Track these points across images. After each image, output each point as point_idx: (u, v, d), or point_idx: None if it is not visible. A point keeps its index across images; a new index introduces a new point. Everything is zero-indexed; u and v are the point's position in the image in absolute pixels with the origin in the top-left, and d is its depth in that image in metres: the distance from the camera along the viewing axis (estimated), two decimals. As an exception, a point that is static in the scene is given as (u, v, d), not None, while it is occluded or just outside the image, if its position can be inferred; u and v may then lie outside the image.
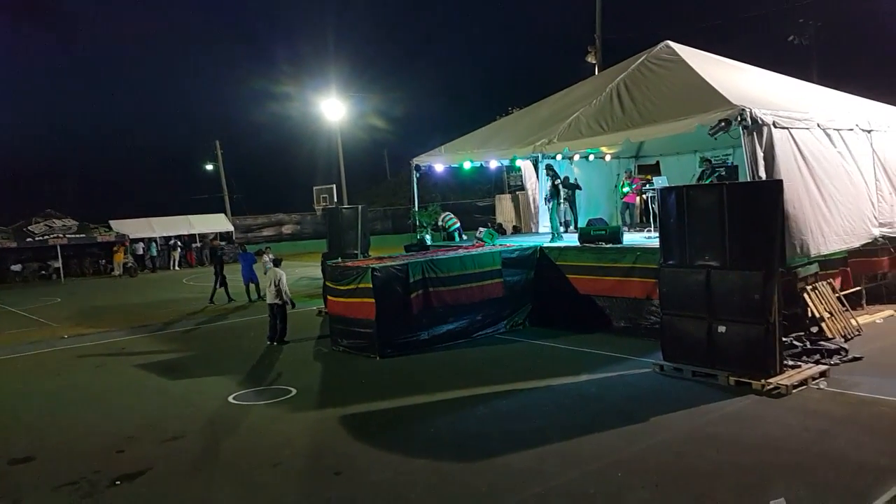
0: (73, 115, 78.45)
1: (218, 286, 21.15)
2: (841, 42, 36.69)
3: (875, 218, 13.05)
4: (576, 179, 17.40)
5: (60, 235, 35.46)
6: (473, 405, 9.11)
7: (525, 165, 19.95)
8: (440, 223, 18.88)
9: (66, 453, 8.28)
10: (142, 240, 38.67)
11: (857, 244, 12.37)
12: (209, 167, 52.92)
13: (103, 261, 37.49)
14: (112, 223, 38.58)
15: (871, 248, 13.23)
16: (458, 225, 18.88)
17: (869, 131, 13.35)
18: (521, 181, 21.17)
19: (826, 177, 11.89)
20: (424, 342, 12.52)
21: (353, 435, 8.30)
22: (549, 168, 17.15)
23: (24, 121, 70.30)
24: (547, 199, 16.83)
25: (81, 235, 36.35)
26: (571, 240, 15.29)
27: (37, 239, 35.04)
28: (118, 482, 7.20)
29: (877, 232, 12.93)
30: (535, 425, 8.15)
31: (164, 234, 39.82)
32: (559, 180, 16.39)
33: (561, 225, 17.42)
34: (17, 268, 35.46)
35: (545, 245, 14.51)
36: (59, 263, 35.30)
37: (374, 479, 6.91)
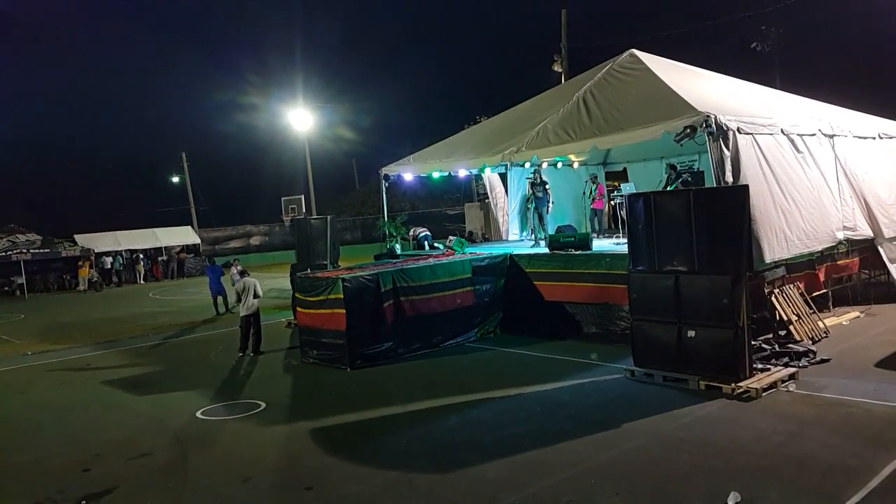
0: (36, 128, 77.19)
1: None
2: (803, 48, 37.44)
3: (839, 221, 13.27)
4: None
5: (24, 251, 34.82)
6: (445, 415, 9.05)
7: (488, 175, 19.94)
8: (411, 234, 18.88)
9: (29, 473, 8.07)
10: (107, 254, 38.07)
11: (819, 248, 12.55)
12: (175, 179, 52.33)
13: (68, 276, 36.84)
14: (77, 237, 37.99)
15: (837, 252, 13.45)
16: (427, 233, 18.87)
17: (831, 136, 13.58)
18: (486, 190, 21.19)
19: (789, 181, 12.07)
20: (395, 352, 12.44)
21: (324, 448, 8.19)
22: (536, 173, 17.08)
23: (-17, 134, 68.99)
24: (535, 202, 16.78)
25: (46, 250, 35.75)
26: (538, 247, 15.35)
27: (0, 255, 34.34)
28: (84, 501, 7.02)
29: (840, 235, 13.15)
30: (508, 434, 8.11)
31: (130, 248, 39.26)
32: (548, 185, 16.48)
33: (531, 233, 17.50)
34: (-22, 285, 34.76)
35: (515, 253, 14.53)
36: (22, 279, 34.61)
37: (346, 492, 6.81)
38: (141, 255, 39.13)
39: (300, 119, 38.43)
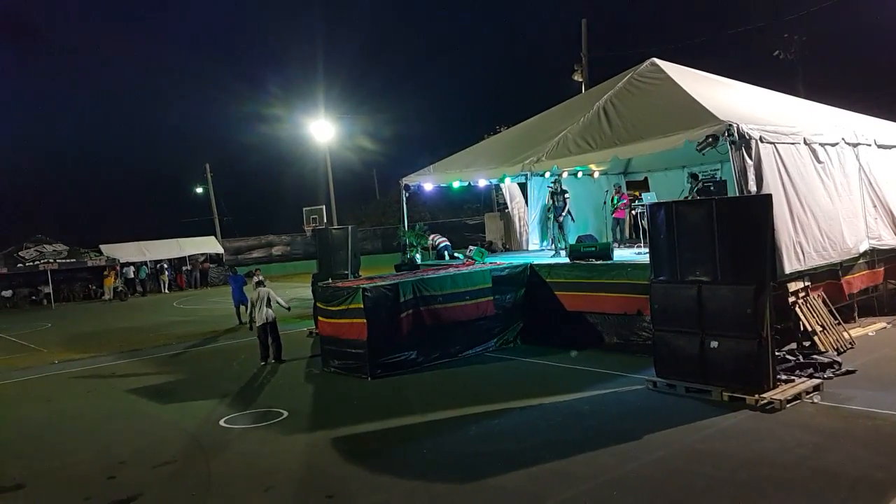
0: (63, 140, 78.50)
1: None
2: (827, 56, 37.08)
3: (863, 231, 13.12)
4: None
5: (51, 261, 35.32)
6: (465, 425, 9.04)
7: (508, 184, 19.94)
8: (430, 243, 18.93)
9: (57, 480, 8.17)
10: (132, 264, 38.52)
11: (838, 259, 12.39)
12: (199, 190, 52.93)
13: (93, 285, 37.32)
14: (102, 247, 38.44)
15: (863, 262, 13.29)
16: (447, 243, 18.92)
17: (855, 145, 13.44)
18: (505, 200, 21.19)
19: (809, 192, 11.94)
20: (415, 362, 12.46)
21: (345, 457, 8.22)
22: (556, 182, 17.07)
23: (14, 146, 70.31)
24: (554, 211, 16.74)
25: (72, 260, 36.23)
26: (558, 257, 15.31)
27: (27, 264, 34.89)
28: (108, 510, 7.11)
29: (865, 245, 12.99)
30: (528, 444, 8.09)
31: (155, 258, 39.67)
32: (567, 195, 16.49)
33: (551, 242, 17.47)
34: (7, 293, 35.36)
35: (535, 263, 14.51)
36: (49, 289, 35.12)
37: (367, 501, 6.83)
38: (165, 265, 39.54)
39: (321, 130, 38.68)
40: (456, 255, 18.15)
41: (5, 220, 53.52)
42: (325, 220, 34.67)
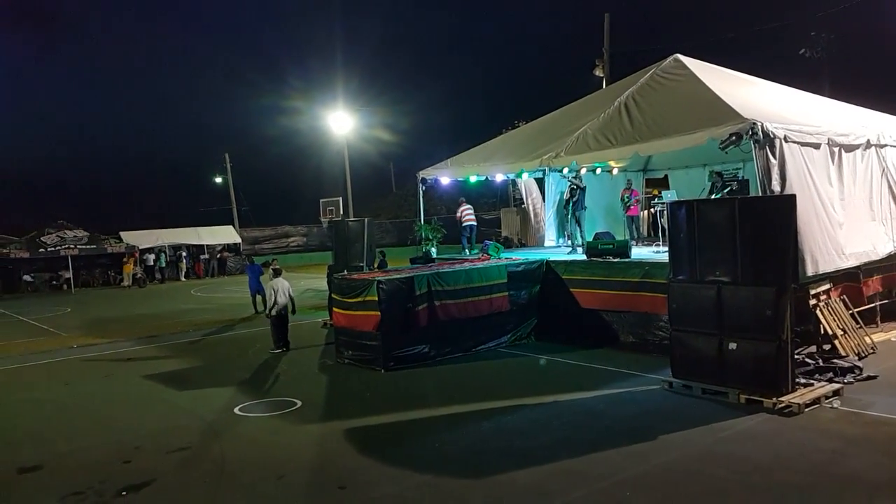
0: (85, 128, 79.24)
1: None
2: (853, 55, 36.56)
3: (886, 234, 12.93)
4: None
5: (72, 246, 35.63)
6: (478, 420, 9.01)
7: (525, 179, 19.81)
8: (458, 214, 18.89)
9: (73, 463, 8.24)
10: (151, 251, 38.80)
11: (859, 262, 12.18)
12: (218, 180, 53.20)
13: (113, 272, 37.63)
14: (122, 234, 38.76)
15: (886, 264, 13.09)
16: (473, 224, 18.83)
17: (881, 146, 13.23)
18: (522, 195, 21.10)
19: (834, 192, 11.77)
20: (428, 355, 12.44)
21: (357, 449, 8.22)
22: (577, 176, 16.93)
23: (37, 133, 71.13)
24: (573, 206, 16.60)
25: (92, 246, 36.53)
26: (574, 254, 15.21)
27: (49, 250, 35.24)
28: (124, 493, 7.15)
29: (889, 248, 12.79)
30: (541, 442, 8.05)
31: (173, 244, 39.93)
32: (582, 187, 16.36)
33: (567, 238, 17.34)
34: (28, 278, 35.68)
35: (552, 259, 14.42)
36: (69, 274, 35.45)
37: (379, 493, 6.82)
38: (183, 253, 39.79)
39: (339, 122, 38.70)
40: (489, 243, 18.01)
41: (28, 205, 54.18)
42: (342, 213, 34.73)
